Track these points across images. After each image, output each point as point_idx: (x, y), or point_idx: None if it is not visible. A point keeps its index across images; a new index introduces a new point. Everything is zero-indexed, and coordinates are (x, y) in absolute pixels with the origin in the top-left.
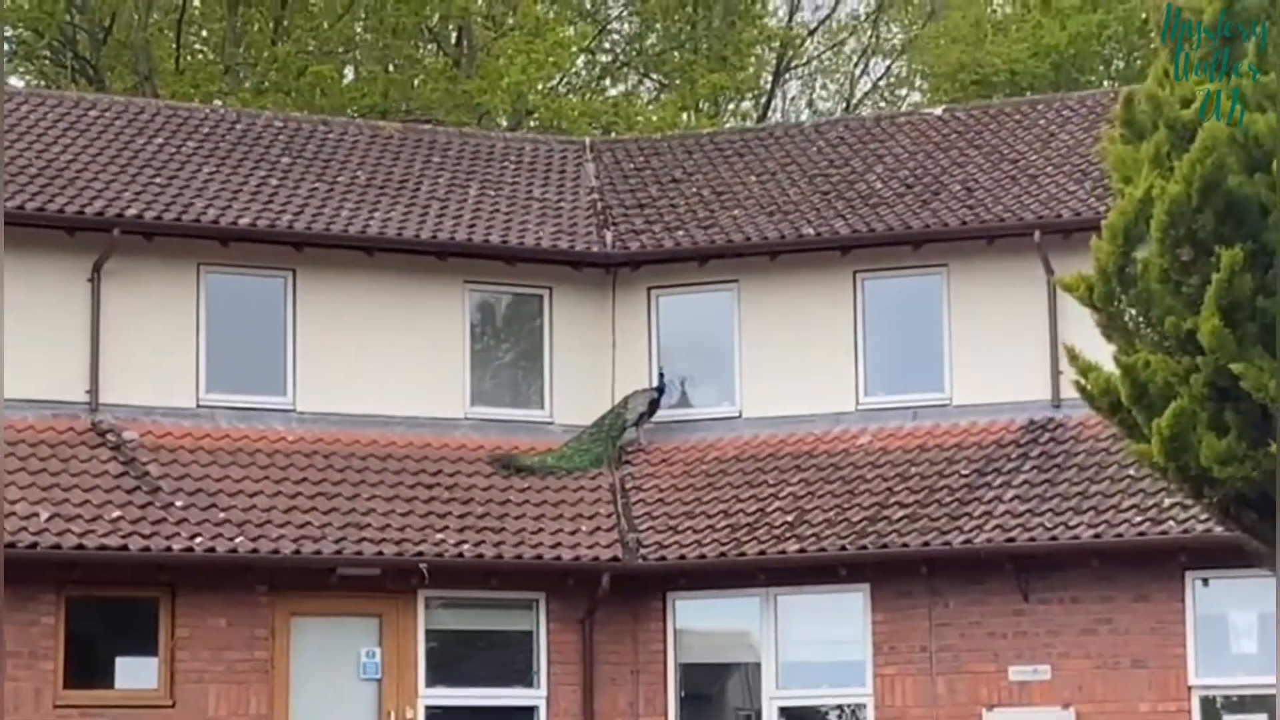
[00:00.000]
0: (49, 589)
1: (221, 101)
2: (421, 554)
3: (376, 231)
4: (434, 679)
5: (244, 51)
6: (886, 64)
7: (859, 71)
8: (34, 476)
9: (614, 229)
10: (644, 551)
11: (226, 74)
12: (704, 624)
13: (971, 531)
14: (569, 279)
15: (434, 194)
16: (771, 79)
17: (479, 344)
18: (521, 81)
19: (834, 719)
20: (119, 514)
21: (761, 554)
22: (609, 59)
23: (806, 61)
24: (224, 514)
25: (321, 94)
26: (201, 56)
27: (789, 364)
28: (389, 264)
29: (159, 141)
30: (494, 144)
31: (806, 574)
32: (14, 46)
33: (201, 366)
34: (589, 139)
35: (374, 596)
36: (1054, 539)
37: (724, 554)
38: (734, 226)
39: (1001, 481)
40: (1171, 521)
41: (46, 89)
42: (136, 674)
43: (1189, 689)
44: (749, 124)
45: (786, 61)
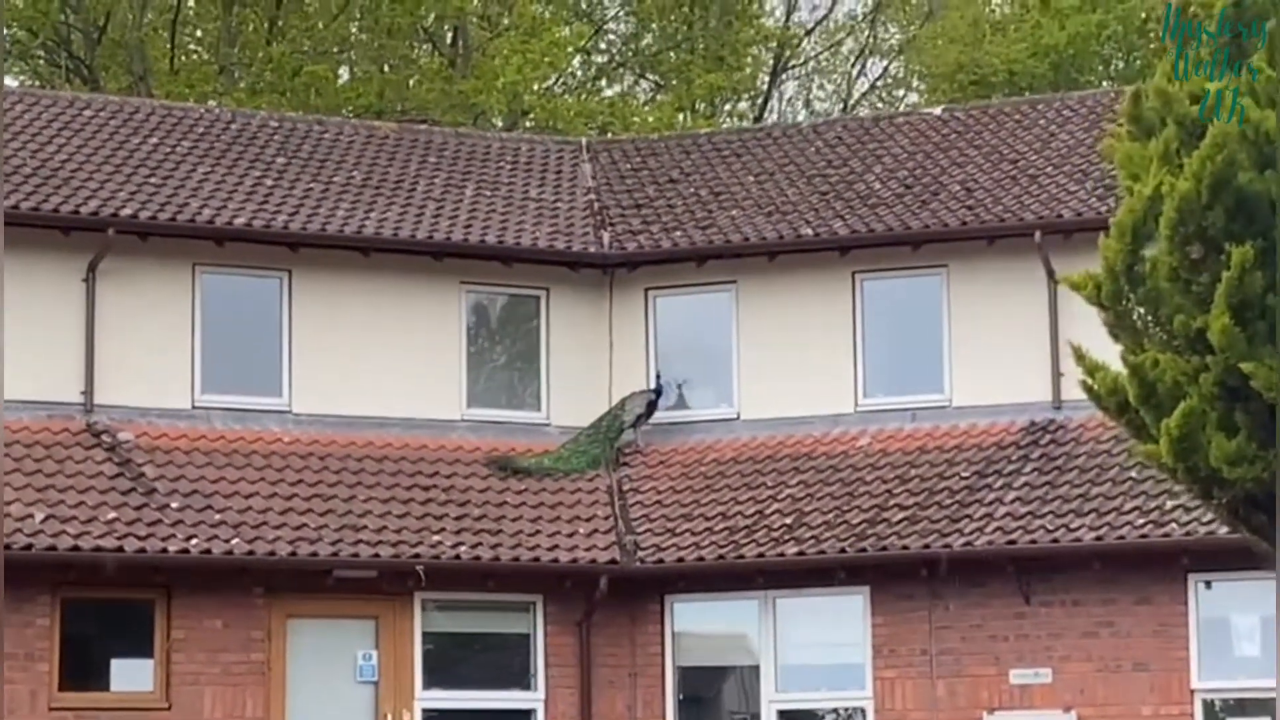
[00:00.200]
0: (44, 590)
1: (216, 102)
2: (418, 556)
3: (372, 232)
4: (431, 681)
5: (239, 52)
6: (884, 64)
7: (856, 72)
8: (29, 477)
9: (611, 229)
10: (642, 554)
11: (221, 74)
12: (702, 627)
13: (972, 534)
14: (566, 280)
15: (430, 194)
16: (768, 80)
17: (475, 345)
18: (517, 81)
19: None
20: (114, 515)
21: (760, 556)
22: (605, 59)
23: (804, 62)
24: (220, 515)
25: (316, 94)
26: (196, 57)
27: (787, 365)
28: (385, 264)
29: (154, 141)
30: (490, 144)
31: (806, 576)
32: (8, 46)
33: (197, 367)
34: (585, 139)
35: (371, 599)
36: (1055, 541)
37: (722, 556)
38: (732, 227)
39: (1002, 483)
40: (1174, 524)
41: (41, 89)
42: (132, 676)
43: (1191, 692)
44: (746, 125)
45: (783, 62)
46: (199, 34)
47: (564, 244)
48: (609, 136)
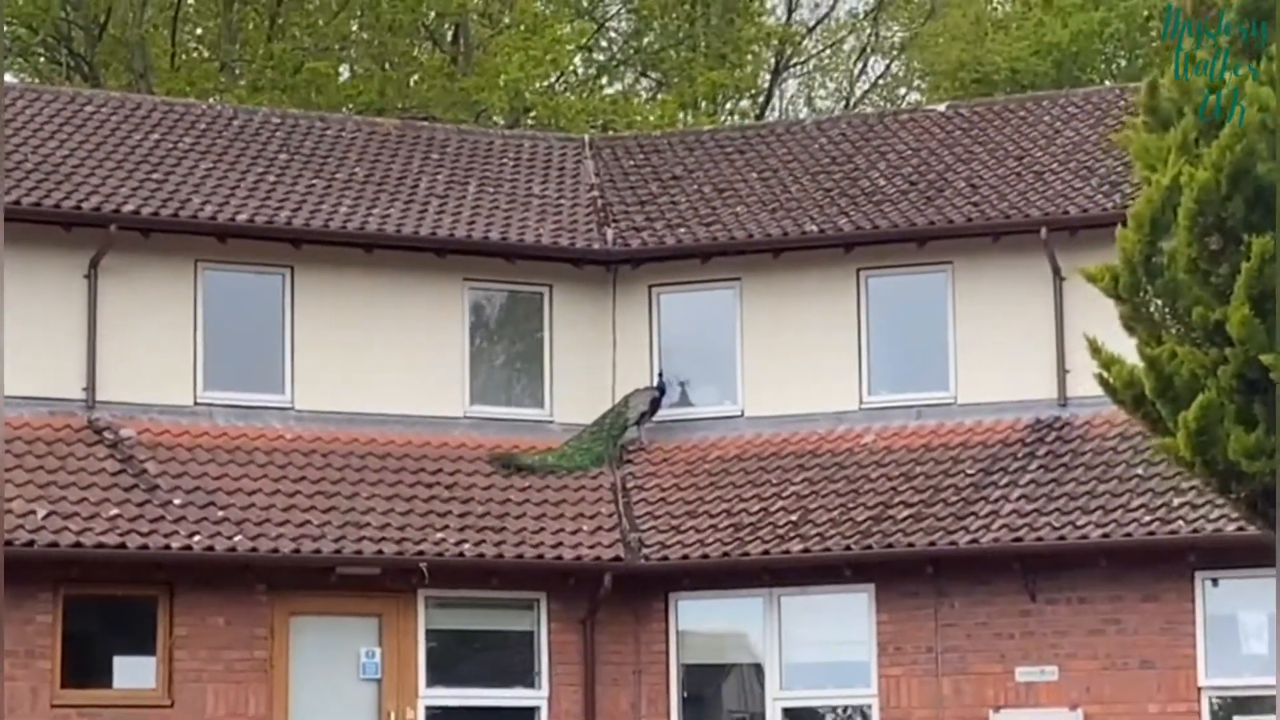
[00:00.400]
0: (46, 587)
1: (217, 98)
2: (421, 553)
3: (375, 228)
4: (434, 679)
5: (239, 49)
6: (886, 63)
7: (858, 70)
8: (31, 474)
9: (615, 226)
10: (646, 551)
11: (222, 71)
12: (707, 624)
13: (978, 531)
14: (569, 276)
15: (433, 191)
16: (770, 78)
17: (478, 342)
18: (519, 79)
19: None
20: (117, 512)
21: (765, 554)
22: (605, 57)
23: (805, 60)
24: (222, 512)
25: (317, 92)
26: (197, 54)
27: (791, 362)
28: (388, 261)
29: (155, 137)
30: (492, 141)
31: (810, 574)
32: (9, 42)
33: (199, 364)
34: (588, 136)
35: (374, 596)
36: (1061, 539)
37: (727, 554)
38: (736, 223)
39: (1008, 481)
40: (1181, 521)
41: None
42: (134, 673)
43: (1198, 690)
44: (749, 122)
45: (785, 60)
46: (199, 31)
47: (567, 241)
48: (610, 134)
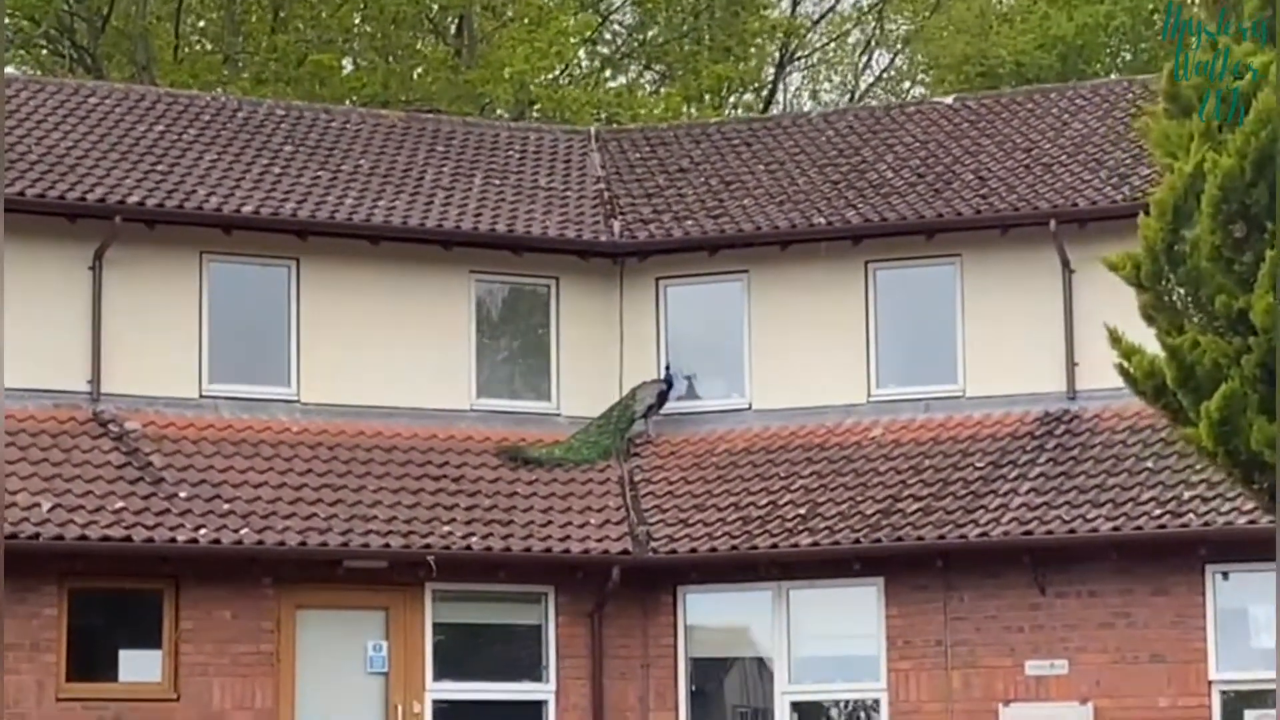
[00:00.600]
0: (51, 581)
1: (221, 91)
2: (429, 546)
3: (381, 220)
4: (441, 673)
5: (242, 41)
6: (890, 56)
7: (863, 64)
8: (35, 467)
9: (621, 218)
10: (654, 545)
11: (225, 64)
12: (715, 618)
13: (987, 524)
14: (576, 269)
15: (438, 183)
16: (774, 71)
17: (485, 334)
18: (524, 71)
19: (846, 714)
20: (122, 505)
21: (773, 547)
22: (610, 50)
23: (810, 53)
24: (228, 505)
25: (320, 84)
26: (200, 46)
27: (799, 355)
28: (393, 253)
29: (160, 129)
30: (498, 133)
31: (819, 568)
32: (11, 35)
33: (204, 356)
34: (594, 128)
35: (381, 589)
36: (1072, 532)
37: (735, 547)
38: (744, 216)
39: (1017, 474)
40: (1191, 514)
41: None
42: (140, 667)
43: (1209, 684)
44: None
45: (789, 53)
46: (202, 24)
47: (574, 233)
48: (616, 126)
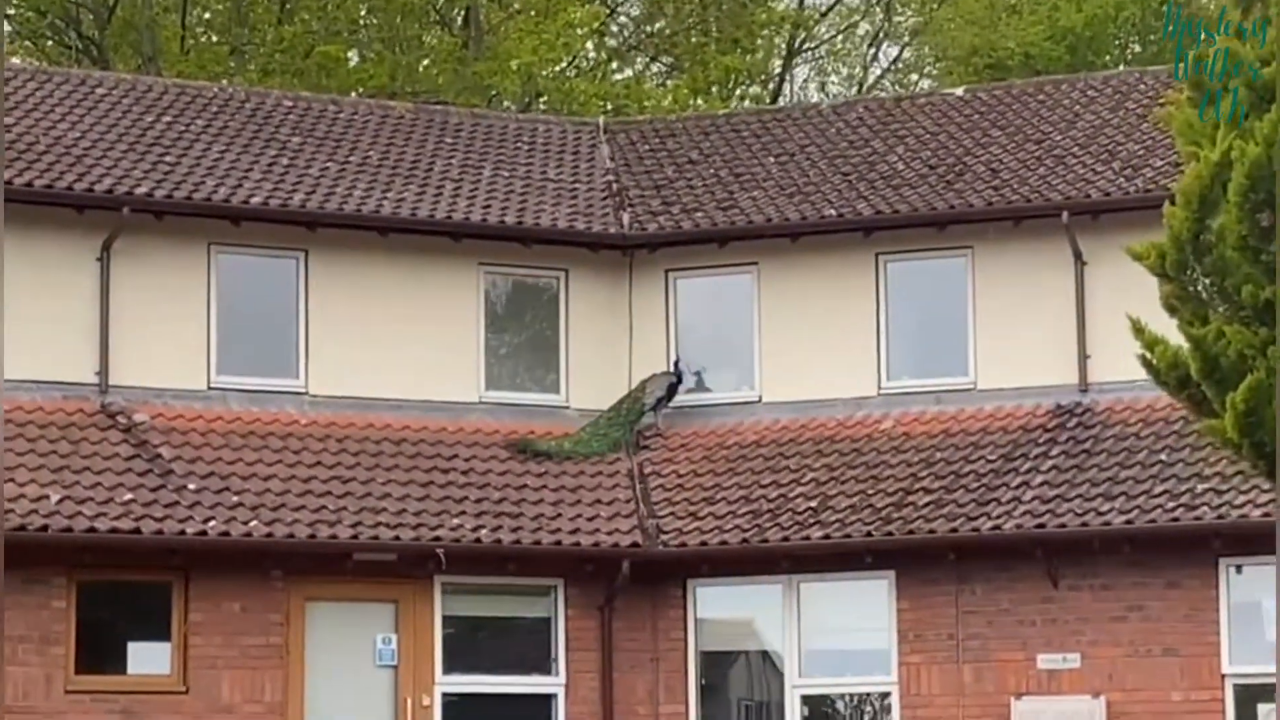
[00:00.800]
0: (59, 573)
1: (228, 82)
2: (438, 539)
3: (390, 212)
4: (451, 666)
5: (249, 32)
6: (899, 48)
7: (871, 56)
8: (43, 459)
9: (631, 210)
10: (664, 538)
11: (232, 55)
12: (725, 611)
13: (1000, 518)
14: (585, 261)
15: (447, 174)
16: (782, 64)
17: (494, 327)
18: (532, 63)
19: (857, 708)
20: (131, 497)
21: (784, 541)
22: (617, 42)
23: (818, 45)
24: (237, 498)
25: (327, 76)
26: (206, 38)
27: (810, 348)
28: (402, 245)
29: (168, 120)
30: (507, 125)
31: (830, 561)
32: (16, 26)
33: (213, 348)
34: (603, 120)
35: (390, 582)
36: (1084, 525)
37: (745, 540)
38: (754, 208)
39: (1029, 467)
40: (1205, 507)
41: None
42: (149, 659)
43: (1222, 677)
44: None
45: (798, 45)
46: (208, 15)
47: (583, 225)
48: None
